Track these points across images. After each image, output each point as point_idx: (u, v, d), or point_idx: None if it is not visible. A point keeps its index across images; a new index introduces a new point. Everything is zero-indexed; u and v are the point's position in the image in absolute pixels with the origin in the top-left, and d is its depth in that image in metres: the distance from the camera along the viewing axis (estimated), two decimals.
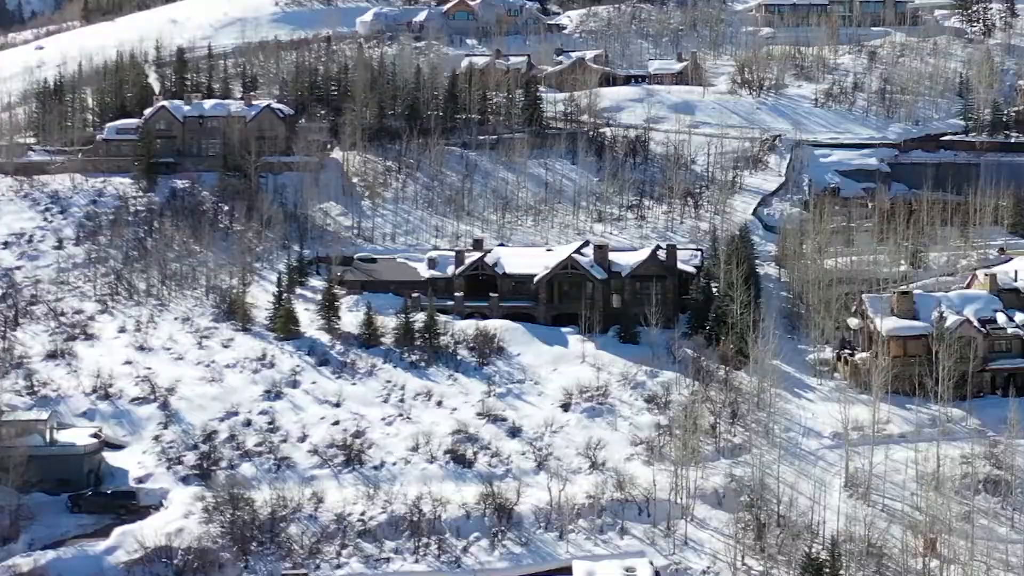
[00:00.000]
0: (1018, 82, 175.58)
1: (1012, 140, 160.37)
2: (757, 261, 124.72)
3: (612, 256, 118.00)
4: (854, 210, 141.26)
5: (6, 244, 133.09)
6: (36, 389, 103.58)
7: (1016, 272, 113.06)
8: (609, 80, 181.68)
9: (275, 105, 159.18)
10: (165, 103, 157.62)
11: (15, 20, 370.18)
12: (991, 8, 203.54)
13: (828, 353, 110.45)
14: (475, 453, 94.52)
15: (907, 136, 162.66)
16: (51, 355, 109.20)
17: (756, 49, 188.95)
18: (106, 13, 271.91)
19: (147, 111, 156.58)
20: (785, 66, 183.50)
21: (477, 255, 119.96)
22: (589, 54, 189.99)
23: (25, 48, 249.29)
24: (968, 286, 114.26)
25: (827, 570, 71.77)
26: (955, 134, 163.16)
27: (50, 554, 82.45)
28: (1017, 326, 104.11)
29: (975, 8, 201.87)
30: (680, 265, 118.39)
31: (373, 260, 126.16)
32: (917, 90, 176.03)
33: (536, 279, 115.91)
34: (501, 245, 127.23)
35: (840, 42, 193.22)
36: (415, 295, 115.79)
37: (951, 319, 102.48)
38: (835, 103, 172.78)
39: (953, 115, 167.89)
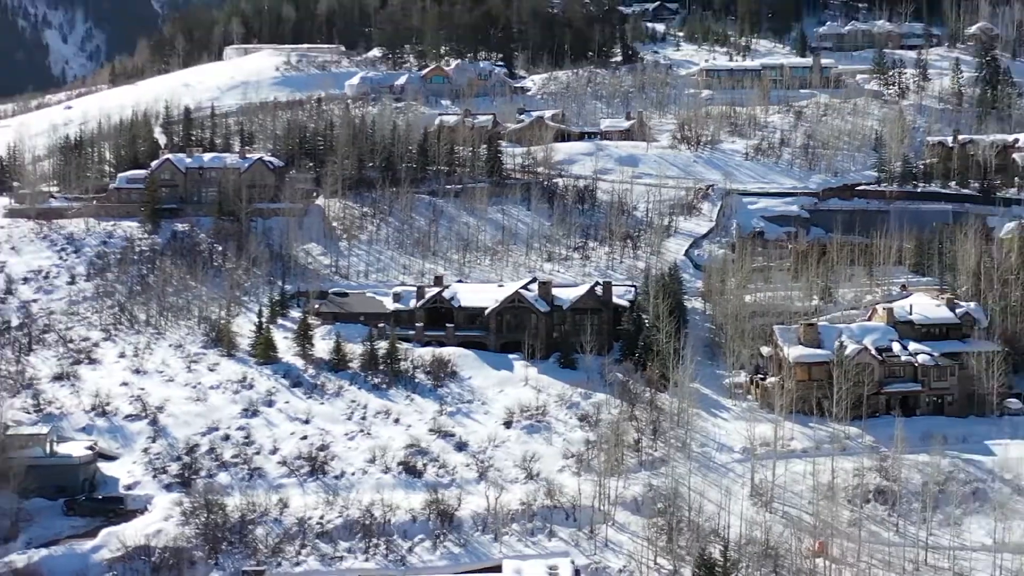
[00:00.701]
0: (927, 138, 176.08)
1: (919, 190, 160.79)
2: (685, 296, 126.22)
3: (555, 291, 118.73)
4: (775, 251, 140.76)
5: (25, 280, 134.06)
6: (42, 407, 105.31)
7: (911, 306, 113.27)
8: (564, 136, 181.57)
9: (266, 158, 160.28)
10: (170, 156, 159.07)
11: (60, 83, 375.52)
12: (905, 73, 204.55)
13: (743, 377, 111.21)
14: (424, 465, 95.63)
15: (826, 186, 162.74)
16: (57, 377, 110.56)
17: (696, 109, 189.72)
18: (130, 77, 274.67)
19: (154, 163, 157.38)
20: (721, 124, 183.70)
21: (436, 290, 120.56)
22: (547, 113, 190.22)
23: (56, 107, 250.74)
24: (869, 319, 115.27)
25: (719, 569, 72.19)
26: (869, 184, 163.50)
27: (43, 552, 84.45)
28: (910, 354, 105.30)
29: (891, 73, 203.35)
30: (615, 299, 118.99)
31: (345, 294, 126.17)
32: (837, 145, 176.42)
33: (487, 311, 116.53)
34: (460, 281, 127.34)
35: (771, 103, 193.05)
36: (381, 325, 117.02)
37: (850, 348, 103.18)
38: (763, 156, 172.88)
39: (868, 167, 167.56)
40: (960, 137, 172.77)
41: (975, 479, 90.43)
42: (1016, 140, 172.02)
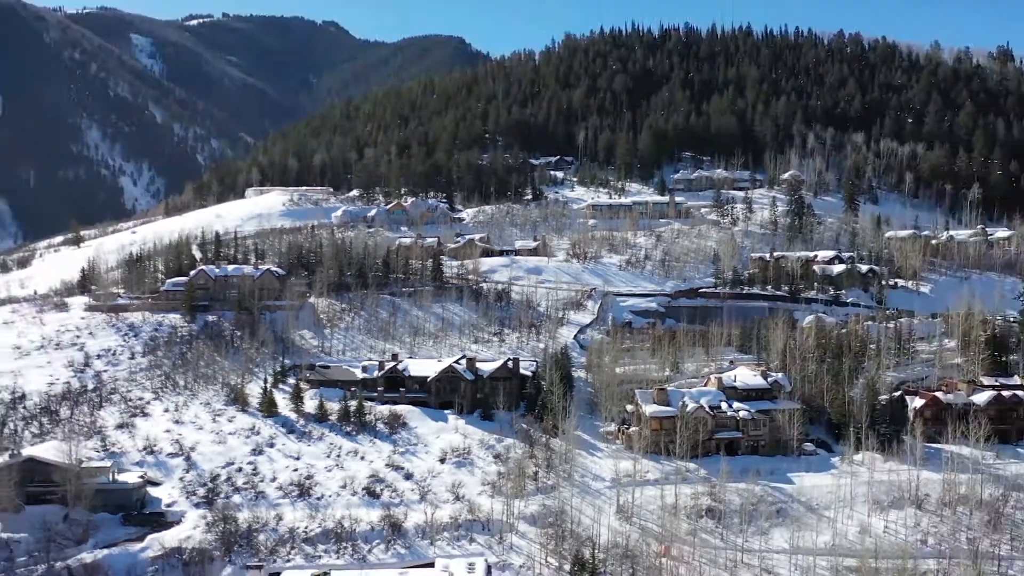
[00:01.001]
0: (751, 254, 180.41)
1: (744, 292, 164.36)
2: (573, 368, 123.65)
3: (479, 365, 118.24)
4: (639, 336, 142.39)
5: (98, 356, 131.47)
6: (108, 448, 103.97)
7: (735, 376, 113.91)
8: (488, 253, 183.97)
9: (273, 268, 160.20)
10: (203, 267, 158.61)
11: (130, 214, 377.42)
12: (736, 207, 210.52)
13: (613, 427, 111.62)
14: (382, 490, 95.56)
15: (677, 288, 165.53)
16: (119, 426, 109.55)
17: (584, 233, 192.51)
18: (179, 210, 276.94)
19: (192, 272, 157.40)
20: (602, 244, 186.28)
21: (392, 363, 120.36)
22: (476, 236, 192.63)
23: (126, 232, 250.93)
24: (705, 385, 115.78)
25: (589, 564, 74.27)
26: (708, 288, 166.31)
27: (105, 552, 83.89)
28: (734, 411, 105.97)
29: (725, 207, 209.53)
30: (522, 371, 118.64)
31: (327, 367, 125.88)
32: (686, 259, 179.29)
33: (429, 379, 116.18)
34: (411, 358, 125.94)
35: (639, 229, 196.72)
36: (352, 389, 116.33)
37: (690, 406, 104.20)
38: (632, 268, 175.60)
39: (708, 275, 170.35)
40: (775, 254, 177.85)
41: (779, 501, 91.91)
42: (815, 256, 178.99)
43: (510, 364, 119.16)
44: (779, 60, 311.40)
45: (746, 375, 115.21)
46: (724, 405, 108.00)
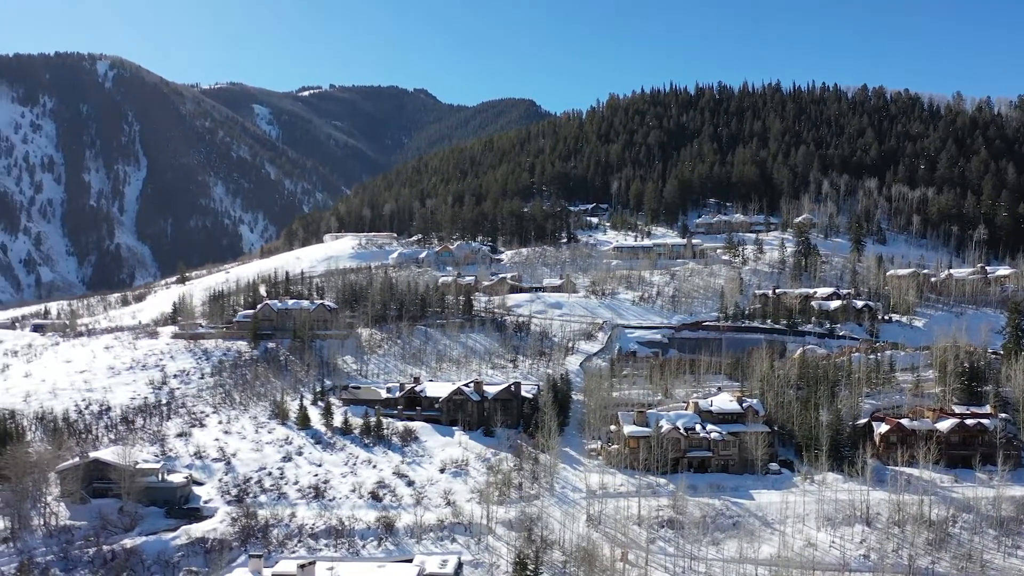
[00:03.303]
0: (754, 291, 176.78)
1: (742, 324, 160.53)
2: (573, 392, 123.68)
3: (485, 387, 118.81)
4: (642, 364, 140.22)
5: (175, 376, 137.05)
6: (166, 453, 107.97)
7: (712, 401, 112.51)
8: (517, 289, 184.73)
9: (327, 303, 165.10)
10: (268, 302, 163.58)
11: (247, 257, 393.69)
12: (747, 248, 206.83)
13: (596, 444, 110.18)
14: (384, 494, 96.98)
15: (682, 322, 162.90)
16: (179, 435, 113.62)
17: (605, 272, 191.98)
18: (271, 253, 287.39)
19: (258, 306, 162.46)
20: (620, 281, 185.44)
21: (411, 385, 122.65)
22: (508, 275, 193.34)
23: (221, 273, 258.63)
24: (686, 409, 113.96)
25: (530, 564, 73.79)
26: (711, 321, 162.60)
27: (144, 539, 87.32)
28: (706, 432, 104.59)
29: (737, 248, 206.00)
30: (523, 393, 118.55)
31: (358, 387, 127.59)
32: (695, 295, 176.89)
33: (441, 399, 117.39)
34: (430, 381, 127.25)
35: (657, 268, 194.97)
36: (377, 407, 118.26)
37: (665, 427, 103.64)
38: (644, 302, 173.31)
39: (714, 310, 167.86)
40: (777, 290, 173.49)
41: (737, 515, 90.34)
42: (815, 292, 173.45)
43: (512, 387, 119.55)
44: (803, 113, 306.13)
45: (723, 400, 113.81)
46: (698, 427, 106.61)
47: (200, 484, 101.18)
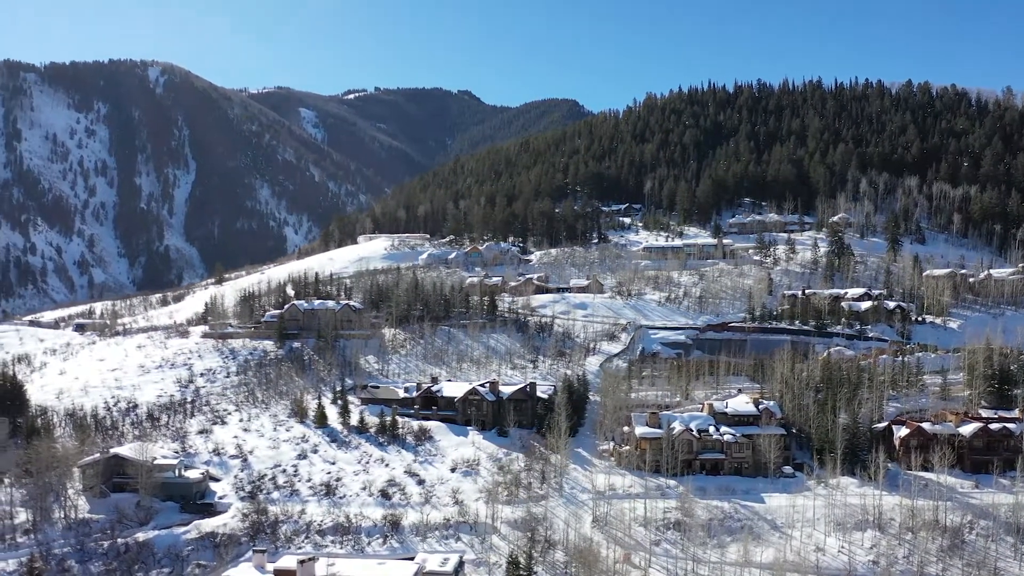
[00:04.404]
0: (784, 292, 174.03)
1: (769, 326, 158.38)
2: (591, 393, 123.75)
3: (501, 387, 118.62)
4: (662, 365, 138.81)
5: (202, 374, 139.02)
6: (186, 449, 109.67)
7: (728, 403, 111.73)
8: (543, 290, 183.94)
9: (352, 303, 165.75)
10: (295, 302, 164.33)
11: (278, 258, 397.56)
12: (778, 248, 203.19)
13: (609, 446, 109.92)
14: (393, 492, 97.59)
15: (708, 323, 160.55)
16: (200, 432, 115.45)
17: (633, 272, 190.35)
18: (306, 254, 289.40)
19: (286, 306, 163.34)
20: (647, 282, 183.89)
21: (427, 385, 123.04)
22: (534, 276, 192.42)
23: (256, 274, 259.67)
24: (702, 410, 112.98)
25: (522, 562, 73.93)
26: (737, 322, 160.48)
27: (155, 532, 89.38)
28: (720, 435, 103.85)
29: (768, 248, 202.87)
30: (539, 394, 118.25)
31: (377, 387, 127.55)
32: (723, 295, 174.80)
33: (457, 399, 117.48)
34: (448, 381, 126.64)
35: (686, 268, 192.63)
36: (394, 406, 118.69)
37: (677, 428, 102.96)
38: (670, 303, 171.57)
39: (742, 311, 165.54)
40: (807, 291, 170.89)
41: (746, 518, 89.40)
42: (846, 293, 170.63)
43: (527, 388, 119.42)
44: (843, 110, 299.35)
45: (738, 402, 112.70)
46: (712, 429, 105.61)
47: (217, 480, 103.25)
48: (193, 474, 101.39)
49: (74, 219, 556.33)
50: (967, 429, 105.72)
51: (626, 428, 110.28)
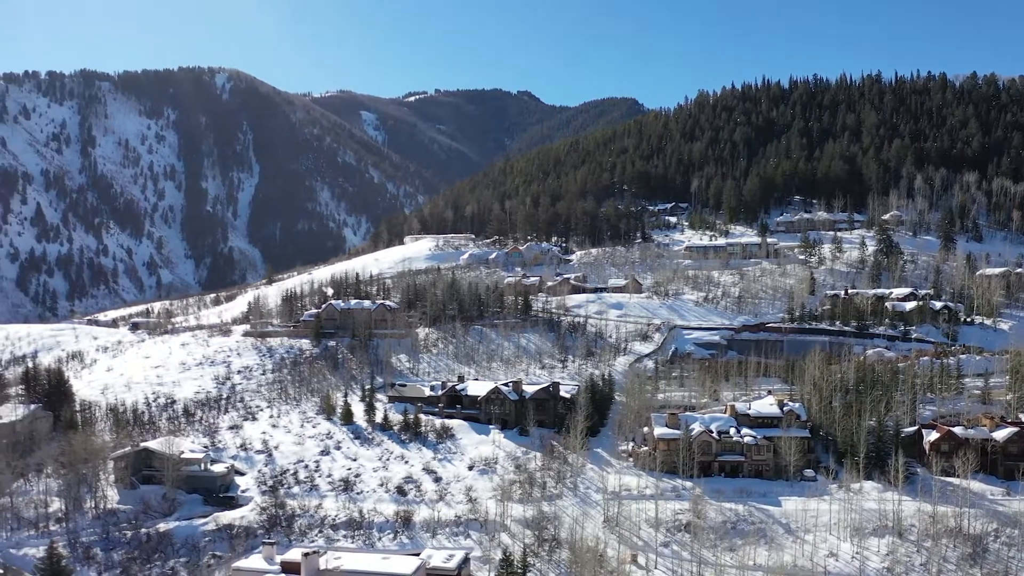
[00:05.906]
0: (826, 292, 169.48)
1: (806, 326, 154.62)
2: (617, 393, 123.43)
3: (524, 387, 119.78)
4: (694, 365, 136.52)
5: (239, 372, 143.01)
6: (215, 444, 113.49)
7: (751, 404, 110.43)
8: (579, 290, 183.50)
9: (387, 303, 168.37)
10: (332, 302, 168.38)
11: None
12: (824, 247, 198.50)
13: (628, 446, 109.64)
14: (409, 489, 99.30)
15: (745, 323, 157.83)
16: (231, 427, 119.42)
17: (672, 272, 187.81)
18: (355, 255, 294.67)
19: (323, 306, 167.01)
20: (686, 281, 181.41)
21: (452, 383, 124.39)
22: (571, 276, 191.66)
23: (305, 274, 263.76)
24: (726, 411, 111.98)
25: (517, 563, 74.13)
26: (775, 322, 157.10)
27: (176, 523, 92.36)
28: (740, 436, 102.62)
29: (813, 248, 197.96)
30: (562, 393, 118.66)
31: (404, 385, 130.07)
32: (763, 295, 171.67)
33: (479, 398, 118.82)
34: (474, 380, 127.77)
35: (729, 268, 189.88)
36: (419, 404, 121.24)
37: (696, 430, 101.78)
38: (708, 303, 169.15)
39: (782, 311, 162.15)
40: (850, 291, 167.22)
41: (760, 521, 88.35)
42: (890, 293, 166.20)
43: (551, 387, 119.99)
44: (902, 104, 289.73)
45: (763, 404, 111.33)
46: (732, 431, 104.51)
47: (242, 474, 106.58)
48: (219, 468, 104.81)
49: (144, 222, 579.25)
50: (1001, 434, 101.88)
51: (646, 429, 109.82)
